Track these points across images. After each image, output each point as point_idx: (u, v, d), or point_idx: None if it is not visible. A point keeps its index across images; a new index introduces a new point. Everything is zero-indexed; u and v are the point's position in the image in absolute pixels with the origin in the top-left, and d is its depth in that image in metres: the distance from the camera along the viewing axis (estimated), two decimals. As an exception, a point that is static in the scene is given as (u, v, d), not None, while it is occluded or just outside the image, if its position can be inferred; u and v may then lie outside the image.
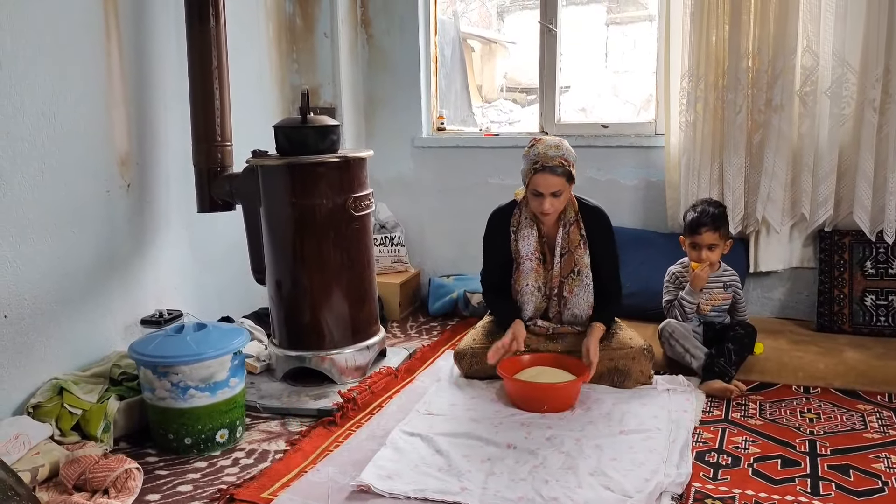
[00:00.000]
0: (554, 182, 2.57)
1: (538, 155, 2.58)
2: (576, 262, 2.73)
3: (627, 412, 2.47)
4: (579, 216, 2.73)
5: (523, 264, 2.74)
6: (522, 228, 2.73)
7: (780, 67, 3.12)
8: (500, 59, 7.27)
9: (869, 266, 3.18)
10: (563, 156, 2.59)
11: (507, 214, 2.77)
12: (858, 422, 2.41)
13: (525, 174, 2.62)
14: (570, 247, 2.73)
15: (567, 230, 2.73)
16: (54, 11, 2.37)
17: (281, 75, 3.65)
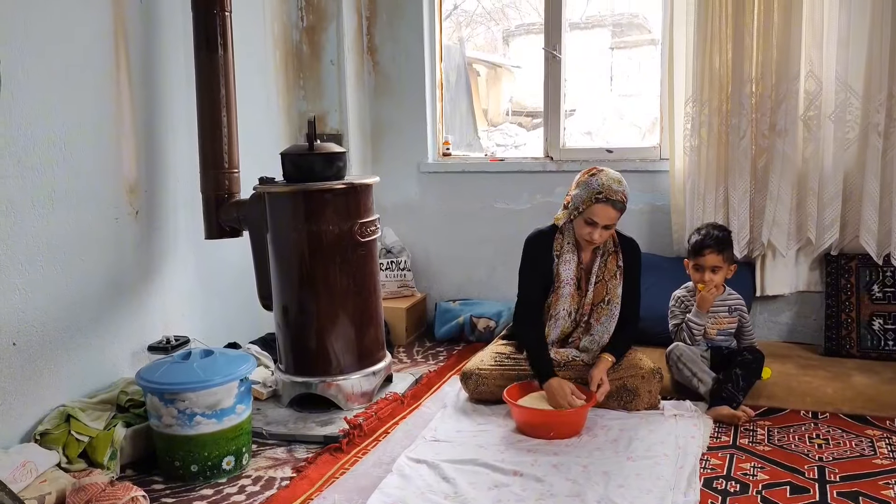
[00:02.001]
0: (612, 215, 2.60)
1: (602, 186, 2.59)
2: (608, 291, 2.74)
3: (635, 438, 2.46)
4: (618, 247, 2.75)
5: (563, 288, 2.74)
6: (565, 253, 2.74)
7: (784, 92, 3.14)
8: (506, 83, 7.32)
9: (876, 290, 3.17)
10: (624, 191, 2.62)
11: (549, 239, 2.77)
12: (867, 447, 2.39)
13: (582, 201, 2.61)
14: (605, 276, 2.74)
15: (605, 259, 2.75)
16: (65, 43, 2.41)
17: (288, 102, 3.69)
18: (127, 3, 2.66)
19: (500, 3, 6.70)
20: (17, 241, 2.27)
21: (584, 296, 2.76)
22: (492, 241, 3.87)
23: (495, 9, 6.78)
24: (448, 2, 5.11)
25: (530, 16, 6.15)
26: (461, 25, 6.60)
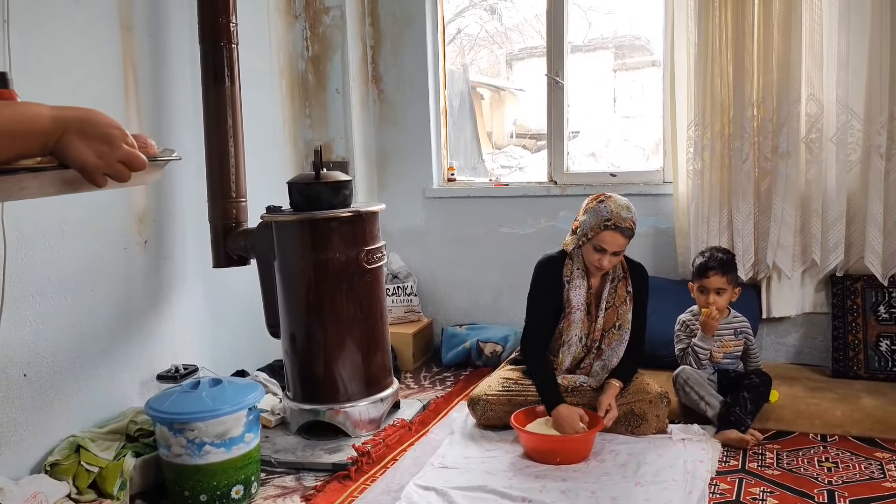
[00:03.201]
0: (621, 242, 2.62)
1: (611, 213, 2.60)
2: (619, 316, 2.75)
3: (643, 463, 2.45)
4: (627, 273, 2.77)
5: (573, 314, 2.75)
6: (575, 279, 2.75)
7: (785, 115, 3.16)
8: (510, 106, 7.37)
9: (882, 311, 3.17)
10: (632, 217, 2.63)
11: (559, 264, 2.79)
12: (877, 470, 2.38)
13: (591, 228, 2.63)
14: (616, 302, 2.76)
15: (615, 285, 2.76)
16: (75, 75, 2.45)
17: (294, 131, 3.73)
18: (136, 37, 2.71)
19: (503, 27, 6.77)
20: (29, 273, 2.30)
21: (595, 321, 2.77)
22: (497, 265, 3.89)
23: (498, 32, 6.84)
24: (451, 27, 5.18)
25: (533, 39, 6.21)
26: (464, 50, 6.66)
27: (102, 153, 1.02)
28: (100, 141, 1.02)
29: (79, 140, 1.01)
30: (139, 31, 2.72)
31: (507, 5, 6.33)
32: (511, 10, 6.36)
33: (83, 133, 1.01)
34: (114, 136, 1.03)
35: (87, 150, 1.01)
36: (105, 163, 1.03)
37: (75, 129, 1.01)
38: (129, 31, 2.68)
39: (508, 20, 6.60)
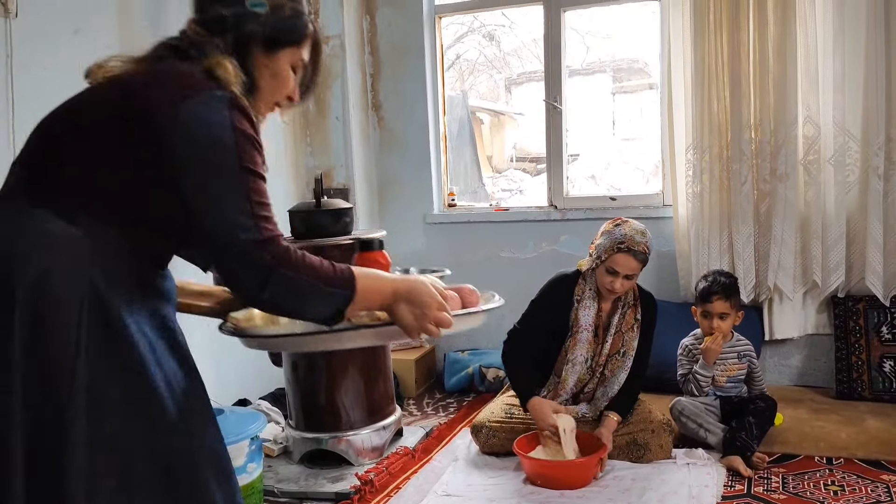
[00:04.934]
0: (633, 265, 2.62)
1: (625, 236, 2.61)
2: (624, 343, 2.75)
3: (648, 488, 2.44)
4: (638, 301, 2.77)
5: (580, 334, 2.74)
6: (585, 299, 2.75)
7: (783, 138, 3.18)
8: (509, 130, 7.42)
9: (885, 331, 3.17)
10: (647, 242, 2.64)
11: (572, 282, 2.79)
12: (884, 493, 2.37)
13: (605, 250, 2.64)
14: (623, 328, 2.75)
15: (624, 311, 2.76)
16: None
17: (295, 158, 3.76)
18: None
19: (502, 52, 6.84)
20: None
21: (601, 345, 2.76)
22: (499, 289, 3.79)
23: (497, 58, 6.91)
24: (450, 52, 5.23)
25: (532, 63, 6.27)
26: (464, 75, 6.72)
27: (419, 316, 1.33)
28: (419, 307, 1.33)
29: (405, 305, 1.33)
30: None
31: (505, 31, 6.40)
32: (509, 36, 6.42)
33: (409, 300, 1.33)
34: (429, 304, 1.33)
35: (408, 314, 1.33)
36: (420, 325, 1.34)
37: (404, 297, 1.33)
38: (131, 63, 2.70)
39: (507, 45, 6.67)
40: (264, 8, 1.32)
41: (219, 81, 1.23)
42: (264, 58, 1.35)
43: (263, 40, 1.33)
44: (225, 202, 1.18)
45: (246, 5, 1.32)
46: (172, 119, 1.16)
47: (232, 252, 1.19)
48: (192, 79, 1.21)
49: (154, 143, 1.16)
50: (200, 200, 1.18)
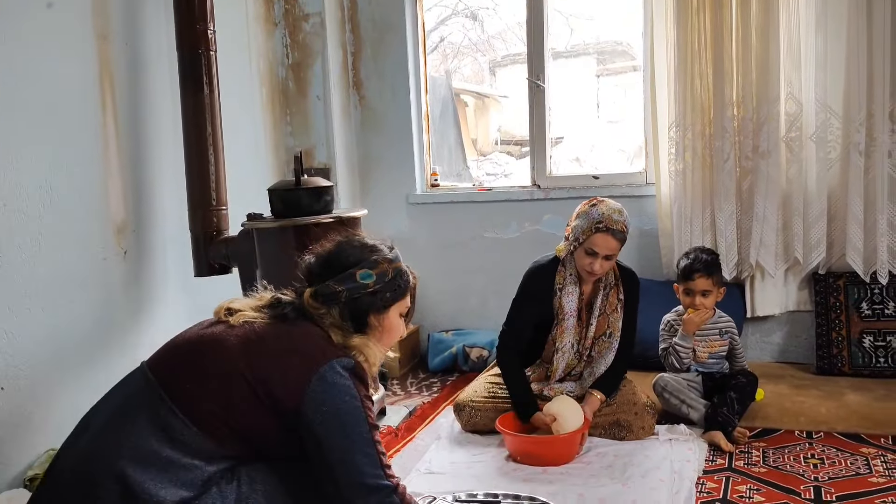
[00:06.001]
0: (613, 245, 2.58)
1: (603, 216, 2.57)
2: (609, 324, 2.73)
3: (630, 464, 2.44)
4: (619, 281, 2.75)
5: (566, 321, 2.71)
6: (567, 286, 2.71)
7: (765, 114, 3.18)
8: (494, 113, 7.39)
9: (865, 307, 3.19)
10: (624, 221, 2.60)
11: (550, 272, 2.74)
12: (863, 465, 2.38)
13: (582, 231, 2.59)
14: (608, 310, 2.73)
15: (607, 293, 2.73)
16: (49, 85, 2.43)
17: (275, 138, 3.71)
18: (112, 45, 2.69)
19: (486, 35, 6.79)
20: (4, 284, 2.26)
21: (586, 328, 2.75)
22: (482, 270, 3.88)
23: (481, 40, 6.87)
24: (434, 34, 5.19)
25: (516, 46, 6.22)
26: (448, 57, 6.68)
27: None
28: None
29: None
30: (115, 39, 2.70)
31: (488, 13, 6.35)
32: (493, 18, 6.38)
33: None
34: None
35: None
36: None
37: None
38: (105, 40, 2.66)
39: (491, 28, 6.63)
40: (372, 278, 1.52)
41: (346, 347, 1.45)
42: (376, 318, 1.55)
43: (375, 307, 1.54)
44: (356, 454, 1.37)
45: (357, 278, 1.51)
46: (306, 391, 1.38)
47: (361, 495, 1.37)
48: (320, 349, 1.43)
49: (294, 409, 1.38)
50: (334, 453, 1.38)
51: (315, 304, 1.50)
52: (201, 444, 1.34)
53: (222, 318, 1.52)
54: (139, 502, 1.26)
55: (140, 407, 1.36)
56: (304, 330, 1.47)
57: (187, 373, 1.40)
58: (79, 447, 1.35)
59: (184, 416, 1.34)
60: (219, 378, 1.38)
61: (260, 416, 1.37)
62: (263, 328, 1.46)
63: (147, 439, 1.31)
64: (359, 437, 1.38)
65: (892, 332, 3.13)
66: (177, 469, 1.30)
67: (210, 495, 1.32)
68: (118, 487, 1.26)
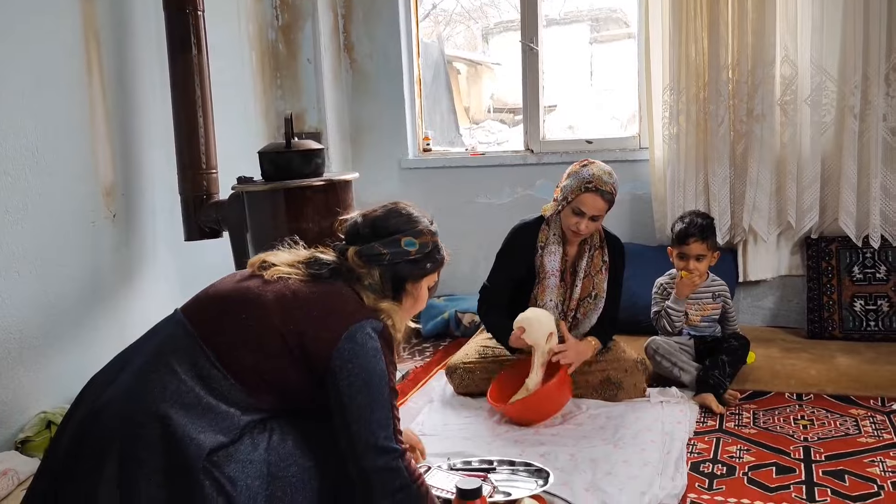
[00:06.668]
0: (600, 206, 2.58)
1: (593, 176, 2.57)
2: (594, 286, 2.73)
3: (621, 426, 2.45)
4: (604, 243, 2.75)
5: (548, 280, 2.71)
6: (550, 244, 2.71)
7: (760, 77, 3.15)
8: (487, 81, 7.32)
9: (856, 271, 3.19)
10: (614, 183, 2.60)
11: (534, 230, 2.75)
12: (852, 427, 2.40)
13: (571, 191, 2.59)
14: (592, 271, 2.73)
15: (591, 254, 2.73)
16: (35, 48, 2.39)
17: (265, 102, 3.67)
18: (96, 4, 2.63)
19: (479, 2, 6.70)
20: (-8, 247, 2.24)
21: (570, 289, 2.75)
22: (475, 235, 3.86)
23: (474, 7, 6.78)
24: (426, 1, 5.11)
25: (509, 13, 6.14)
26: (440, 24, 6.59)
27: None
28: None
29: None
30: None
31: (481, -22, 6.26)
32: (487, -16, 6.29)
33: None
34: None
35: None
36: None
37: None
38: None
39: (484, -6, 6.54)
40: (415, 246, 1.59)
41: (375, 311, 1.50)
42: (411, 285, 1.62)
43: (413, 274, 1.60)
44: (374, 413, 1.41)
45: (401, 245, 1.57)
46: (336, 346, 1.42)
47: (370, 453, 1.40)
48: (352, 309, 1.48)
49: (324, 364, 1.42)
50: (353, 409, 1.41)
51: (359, 262, 1.55)
52: (237, 394, 1.38)
53: (256, 271, 1.56)
54: (179, 444, 1.29)
55: (180, 355, 1.39)
56: (337, 290, 1.51)
57: (224, 326, 1.44)
58: (119, 386, 1.38)
59: (221, 367, 1.38)
60: (254, 332, 1.42)
61: (293, 370, 1.42)
62: (298, 285, 1.50)
63: (188, 385, 1.35)
64: (379, 396, 1.42)
65: (883, 296, 3.14)
66: (214, 415, 1.35)
67: (243, 442, 1.37)
68: (159, 428, 1.30)
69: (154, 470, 1.29)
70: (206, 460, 1.30)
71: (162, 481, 1.29)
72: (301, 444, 1.43)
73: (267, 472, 1.37)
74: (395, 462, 1.41)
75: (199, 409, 1.34)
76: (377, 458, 1.39)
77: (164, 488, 1.28)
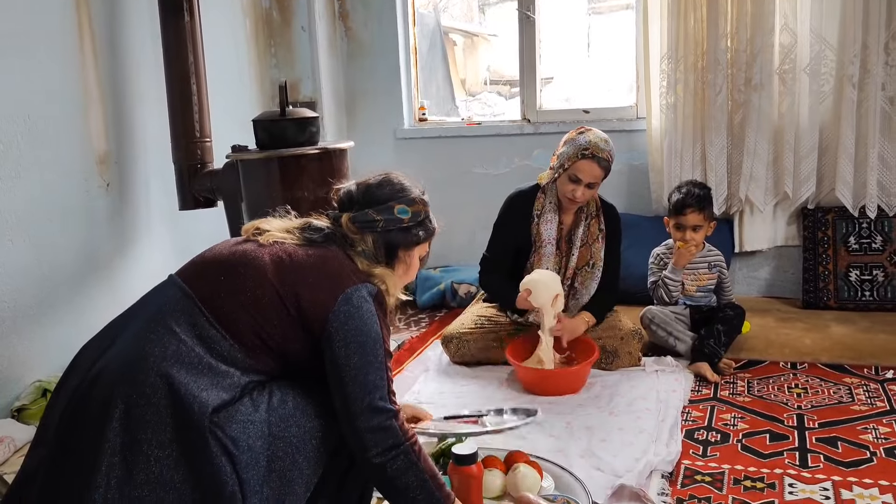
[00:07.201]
0: (597, 173, 2.57)
1: (590, 143, 2.56)
2: (592, 255, 2.73)
3: (616, 394, 2.47)
4: (601, 211, 2.74)
5: (544, 248, 2.71)
6: (546, 213, 2.71)
7: (759, 46, 3.12)
8: (483, 52, 7.26)
9: (852, 241, 3.19)
10: (610, 151, 2.59)
11: (530, 198, 2.74)
12: (846, 395, 2.42)
13: (568, 158, 2.58)
14: (589, 240, 2.73)
15: (587, 223, 2.73)
16: (25, 12, 2.35)
17: (260, 71, 3.62)
18: (87, -31, 2.59)
19: (475, -28, 6.62)
20: (-16, 215, 2.22)
21: (567, 258, 2.74)
22: (471, 206, 3.84)
23: (470, -24, 6.70)
24: (422, -30, 5.05)
25: (505, -18, 6.08)
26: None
27: None
28: None
29: None
30: (91, -38, 2.60)
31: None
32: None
33: None
34: None
35: None
36: None
37: None
38: (80, -39, 2.56)
39: (480, -37, 6.46)
40: (408, 214, 1.61)
41: (369, 276, 1.52)
42: (404, 253, 1.63)
43: (405, 241, 1.62)
44: (369, 374, 1.42)
45: (394, 212, 1.59)
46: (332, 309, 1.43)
47: (365, 413, 1.41)
48: (347, 273, 1.50)
49: (320, 326, 1.44)
50: (348, 369, 1.42)
51: (353, 227, 1.57)
52: (237, 355, 1.40)
53: (251, 237, 1.57)
54: (183, 402, 1.30)
55: (179, 316, 1.40)
56: (332, 254, 1.53)
57: (222, 287, 1.44)
58: (117, 350, 1.38)
59: (220, 328, 1.39)
60: (252, 293, 1.43)
61: (291, 330, 1.43)
62: (293, 248, 1.52)
63: (188, 345, 1.36)
64: (374, 358, 1.44)
65: (879, 266, 3.15)
66: (215, 374, 1.36)
67: (243, 403, 1.38)
68: (163, 388, 1.31)
69: (160, 431, 1.29)
70: (209, 419, 1.31)
71: (167, 442, 1.29)
72: (301, 405, 1.44)
73: (268, 433, 1.38)
74: (389, 422, 1.42)
75: (200, 369, 1.35)
76: (371, 418, 1.41)
77: (170, 449, 1.29)
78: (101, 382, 1.33)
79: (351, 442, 1.43)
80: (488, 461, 1.86)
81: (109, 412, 1.29)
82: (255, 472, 1.34)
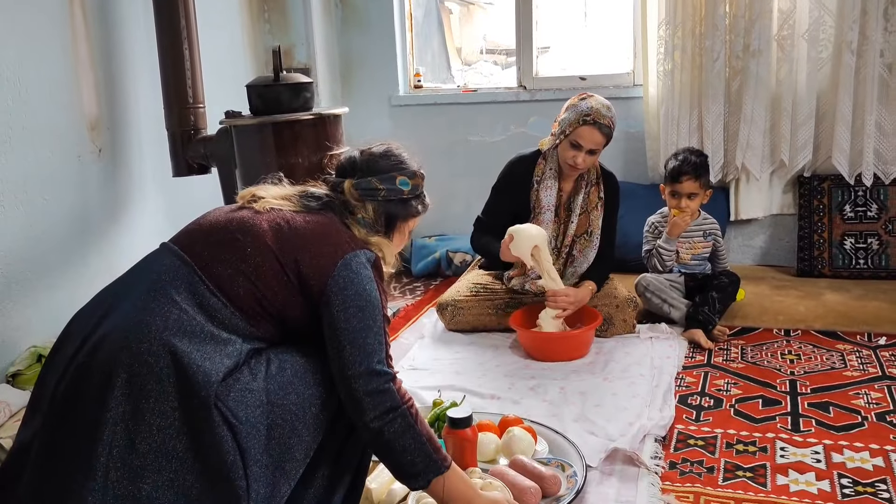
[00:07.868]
0: (598, 139, 2.56)
1: (591, 109, 2.54)
2: (590, 223, 2.72)
3: (611, 360, 2.48)
4: (601, 179, 2.72)
5: (543, 214, 2.70)
6: (546, 179, 2.70)
7: (758, 11, 3.09)
8: (479, 21, 7.18)
9: (848, 210, 3.19)
10: (612, 117, 2.57)
11: (531, 163, 2.73)
12: (838, 361, 2.43)
13: (569, 124, 2.57)
14: (588, 207, 2.72)
15: (587, 191, 2.72)
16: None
17: (253, 36, 3.58)
18: (76, -70, 2.54)
19: (471, -63, 6.52)
20: (-25, 180, 2.20)
21: (565, 225, 2.74)
22: (466, 174, 3.83)
23: (466, -57, 6.59)
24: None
25: (501, -51, 5.98)
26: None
27: None
28: None
29: None
30: (79, -78, 2.55)
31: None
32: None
33: None
34: None
35: None
36: None
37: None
38: (68, -78, 2.51)
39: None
40: (408, 186, 1.64)
41: (366, 243, 1.53)
42: (401, 223, 1.67)
43: (403, 214, 1.64)
44: (368, 338, 1.43)
45: (396, 183, 1.61)
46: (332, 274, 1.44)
47: (363, 377, 1.41)
48: (345, 239, 1.51)
49: (319, 291, 1.44)
50: (347, 333, 1.42)
51: (355, 194, 1.58)
52: (238, 322, 1.40)
53: (246, 203, 1.56)
54: (187, 372, 1.30)
55: (178, 285, 1.39)
56: (329, 220, 1.54)
57: (220, 254, 1.44)
58: (117, 318, 1.36)
59: (220, 296, 1.39)
60: (251, 260, 1.43)
61: (290, 297, 1.44)
62: (291, 215, 1.52)
63: (189, 314, 1.36)
64: (373, 322, 1.44)
65: (874, 234, 3.15)
66: (217, 342, 1.36)
67: (241, 372, 1.38)
68: (167, 358, 1.30)
69: (162, 400, 1.29)
70: (215, 390, 1.31)
71: (170, 411, 1.29)
72: (299, 372, 1.44)
73: (266, 401, 1.38)
74: (387, 385, 1.42)
75: (202, 337, 1.34)
76: (369, 382, 1.41)
77: (172, 418, 1.28)
78: (101, 352, 1.32)
79: (349, 406, 1.43)
80: (483, 425, 1.87)
81: (111, 382, 1.28)
82: (255, 440, 1.34)
